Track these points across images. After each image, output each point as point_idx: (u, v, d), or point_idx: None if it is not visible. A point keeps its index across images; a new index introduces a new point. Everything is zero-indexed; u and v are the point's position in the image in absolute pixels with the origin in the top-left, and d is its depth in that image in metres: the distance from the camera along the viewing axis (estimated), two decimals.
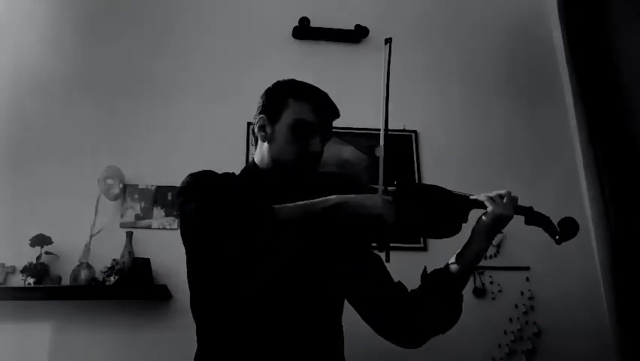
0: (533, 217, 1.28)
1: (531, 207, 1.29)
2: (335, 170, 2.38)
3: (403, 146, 2.49)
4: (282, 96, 1.22)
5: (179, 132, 2.42)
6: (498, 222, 1.22)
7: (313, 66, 2.61)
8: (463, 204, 1.23)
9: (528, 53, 2.80)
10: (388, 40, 1.19)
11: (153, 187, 2.31)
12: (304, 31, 2.66)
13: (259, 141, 1.25)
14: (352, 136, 2.46)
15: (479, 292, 2.26)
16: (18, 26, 2.57)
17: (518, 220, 1.48)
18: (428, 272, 1.26)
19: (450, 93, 2.66)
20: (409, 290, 1.27)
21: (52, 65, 2.49)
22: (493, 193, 1.25)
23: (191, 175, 1.12)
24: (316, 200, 1.04)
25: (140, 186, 2.31)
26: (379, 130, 1.15)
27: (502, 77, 2.73)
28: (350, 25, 2.70)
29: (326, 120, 1.22)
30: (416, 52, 2.71)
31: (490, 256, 2.33)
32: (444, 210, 1.21)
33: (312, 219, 1.02)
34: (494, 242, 2.34)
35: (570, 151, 2.59)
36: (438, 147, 2.51)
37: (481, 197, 1.24)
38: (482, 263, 2.29)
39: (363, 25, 2.69)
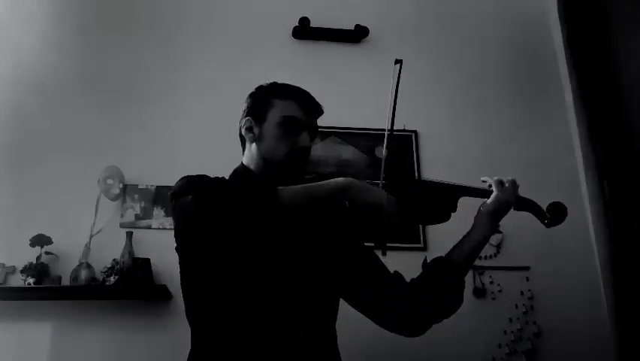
0: (522, 202, 1.30)
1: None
2: (334, 170, 2.38)
3: (403, 146, 2.49)
4: (267, 97, 1.26)
5: (179, 132, 2.41)
6: (500, 208, 1.24)
7: (313, 66, 2.62)
8: (451, 193, 1.26)
9: (528, 53, 2.80)
10: (399, 61, 1.23)
11: (153, 187, 2.31)
12: (304, 31, 2.66)
13: (247, 143, 1.29)
14: (352, 136, 2.46)
15: (479, 292, 2.26)
16: (19, 26, 2.57)
17: (519, 220, 1.49)
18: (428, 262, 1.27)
19: (450, 93, 2.66)
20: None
21: (53, 65, 2.49)
22: (495, 179, 1.27)
23: (184, 177, 1.12)
24: (323, 182, 1.05)
25: (140, 186, 2.31)
26: (379, 130, 1.16)
27: (502, 77, 2.73)
28: (350, 25, 2.70)
29: (312, 117, 1.26)
30: (416, 52, 2.72)
31: (490, 256, 2.33)
32: (432, 200, 1.24)
33: (317, 201, 1.03)
34: (494, 242, 2.34)
35: (570, 151, 2.59)
36: (438, 147, 2.51)
37: (483, 184, 1.28)
38: (482, 263, 2.30)
39: (363, 25, 2.70)
